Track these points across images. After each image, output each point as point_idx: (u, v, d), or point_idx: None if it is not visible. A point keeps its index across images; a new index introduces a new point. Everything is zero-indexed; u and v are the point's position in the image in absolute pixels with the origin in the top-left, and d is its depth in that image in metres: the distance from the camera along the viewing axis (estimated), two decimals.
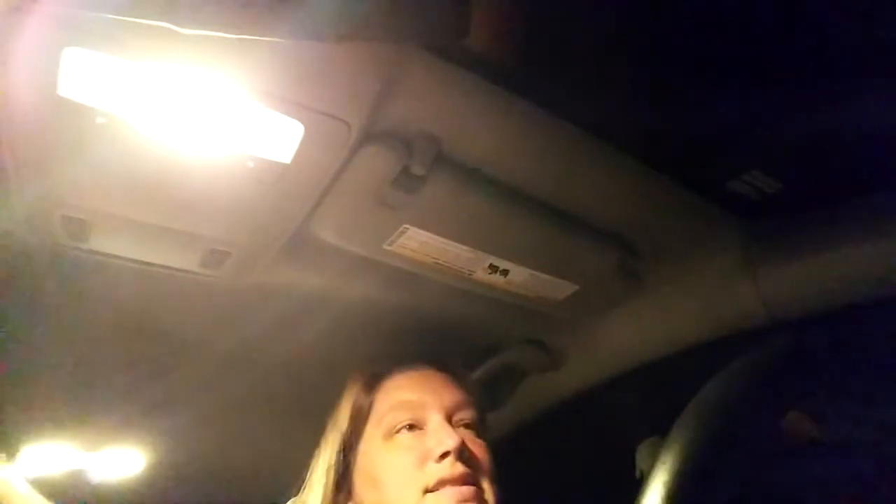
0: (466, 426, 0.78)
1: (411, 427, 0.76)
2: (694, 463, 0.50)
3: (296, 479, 0.84)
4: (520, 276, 0.80)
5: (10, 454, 1.10)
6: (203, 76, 0.51)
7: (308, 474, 0.82)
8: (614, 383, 1.01)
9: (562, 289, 0.84)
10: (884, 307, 0.71)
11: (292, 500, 0.81)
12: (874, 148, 0.64)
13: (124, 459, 1.23)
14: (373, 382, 0.82)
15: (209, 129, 0.55)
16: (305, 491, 0.80)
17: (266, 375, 1.02)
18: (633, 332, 0.94)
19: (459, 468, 0.71)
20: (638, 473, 1.07)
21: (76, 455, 1.17)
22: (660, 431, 1.04)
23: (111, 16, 0.43)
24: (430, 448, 0.73)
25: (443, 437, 0.73)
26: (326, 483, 0.78)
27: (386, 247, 0.73)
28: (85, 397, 1.01)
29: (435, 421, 0.76)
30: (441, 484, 0.70)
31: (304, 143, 0.57)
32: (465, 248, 0.74)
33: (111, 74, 0.49)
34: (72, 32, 0.46)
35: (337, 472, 0.78)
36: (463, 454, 0.72)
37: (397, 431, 0.76)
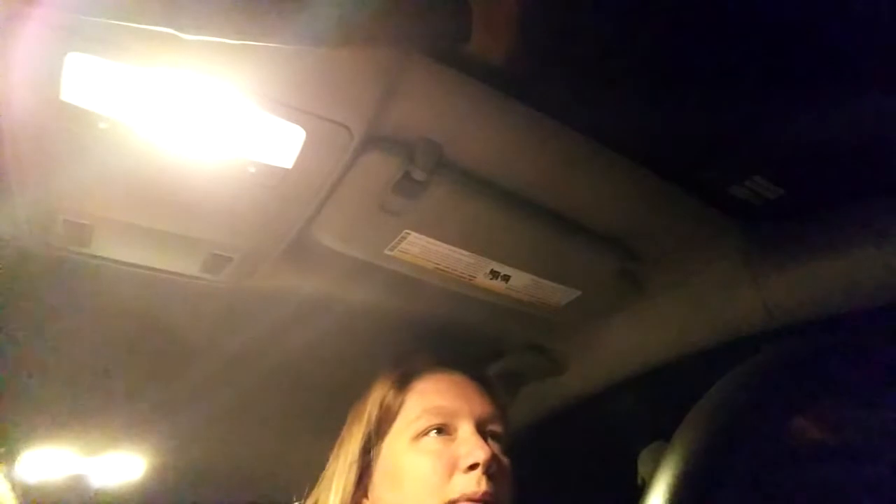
0: (496, 438, 0.78)
1: (440, 431, 0.75)
2: (697, 469, 0.49)
3: (296, 483, 0.84)
4: (521, 281, 0.80)
5: (10, 459, 1.10)
6: (205, 81, 0.51)
7: (326, 469, 0.81)
8: (616, 389, 1.01)
9: (563, 294, 0.84)
10: (886, 311, 0.71)
11: (308, 497, 0.80)
12: (875, 153, 0.64)
13: (125, 464, 1.22)
14: (404, 382, 0.81)
15: (211, 135, 0.56)
16: (322, 487, 0.79)
17: (266, 380, 1.01)
18: (635, 338, 0.94)
19: (484, 486, 0.70)
20: (640, 480, 1.06)
21: (76, 460, 1.17)
22: (662, 437, 1.04)
23: (113, 21, 0.43)
24: (459, 456, 0.72)
25: (473, 447, 0.72)
26: (348, 478, 0.76)
27: (387, 252, 0.72)
28: (85, 402, 1.01)
29: (466, 430, 0.75)
30: (464, 499, 0.70)
31: (305, 148, 0.57)
32: (466, 253, 0.74)
33: (113, 80, 0.49)
34: (74, 38, 0.46)
35: (360, 468, 0.77)
36: (490, 468, 0.71)
37: (426, 434, 0.75)
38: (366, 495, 0.77)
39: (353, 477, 0.76)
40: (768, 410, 0.55)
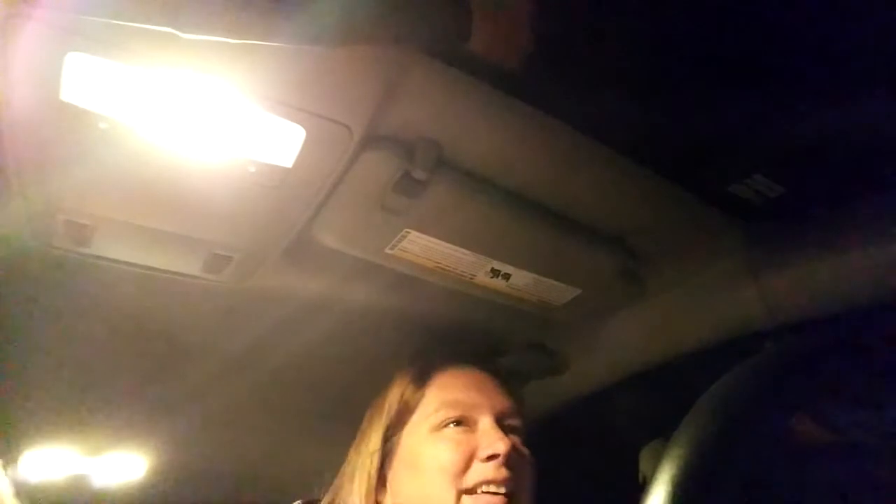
0: (514, 432, 0.79)
1: (459, 423, 0.77)
2: (698, 467, 0.49)
3: (296, 483, 0.84)
4: (521, 279, 0.80)
5: (11, 459, 1.10)
6: (205, 81, 0.51)
7: (346, 463, 0.82)
8: (617, 387, 1.01)
9: (564, 293, 0.84)
10: (886, 311, 0.71)
11: (329, 489, 0.81)
12: (876, 151, 0.64)
13: (126, 464, 1.23)
14: (423, 377, 0.82)
15: (211, 134, 0.56)
16: (344, 478, 0.80)
17: (267, 379, 1.02)
18: (636, 336, 0.94)
19: (504, 472, 0.72)
20: (641, 478, 1.07)
21: (77, 460, 1.17)
22: (663, 435, 1.04)
23: (113, 21, 0.43)
24: (478, 447, 0.74)
25: (494, 439, 0.74)
26: (371, 468, 0.78)
27: (387, 251, 0.73)
28: (86, 402, 1.01)
29: (486, 422, 0.76)
30: (482, 485, 0.71)
31: (305, 147, 0.57)
32: (466, 252, 0.74)
33: (113, 79, 0.49)
34: (74, 38, 0.46)
35: (381, 457, 0.79)
36: (510, 459, 0.73)
37: (445, 426, 0.76)
38: (384, 485, 0.79)
39: (375, 466, 0.78)
40: (768, 409, 0.55)
